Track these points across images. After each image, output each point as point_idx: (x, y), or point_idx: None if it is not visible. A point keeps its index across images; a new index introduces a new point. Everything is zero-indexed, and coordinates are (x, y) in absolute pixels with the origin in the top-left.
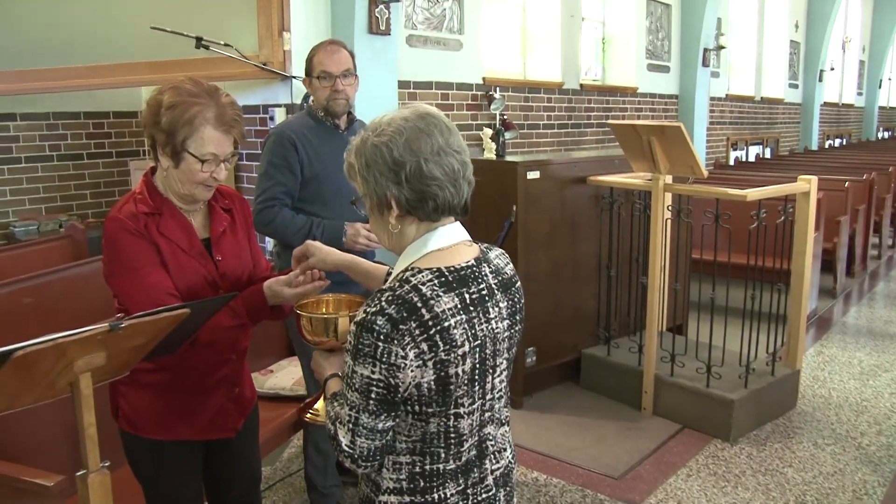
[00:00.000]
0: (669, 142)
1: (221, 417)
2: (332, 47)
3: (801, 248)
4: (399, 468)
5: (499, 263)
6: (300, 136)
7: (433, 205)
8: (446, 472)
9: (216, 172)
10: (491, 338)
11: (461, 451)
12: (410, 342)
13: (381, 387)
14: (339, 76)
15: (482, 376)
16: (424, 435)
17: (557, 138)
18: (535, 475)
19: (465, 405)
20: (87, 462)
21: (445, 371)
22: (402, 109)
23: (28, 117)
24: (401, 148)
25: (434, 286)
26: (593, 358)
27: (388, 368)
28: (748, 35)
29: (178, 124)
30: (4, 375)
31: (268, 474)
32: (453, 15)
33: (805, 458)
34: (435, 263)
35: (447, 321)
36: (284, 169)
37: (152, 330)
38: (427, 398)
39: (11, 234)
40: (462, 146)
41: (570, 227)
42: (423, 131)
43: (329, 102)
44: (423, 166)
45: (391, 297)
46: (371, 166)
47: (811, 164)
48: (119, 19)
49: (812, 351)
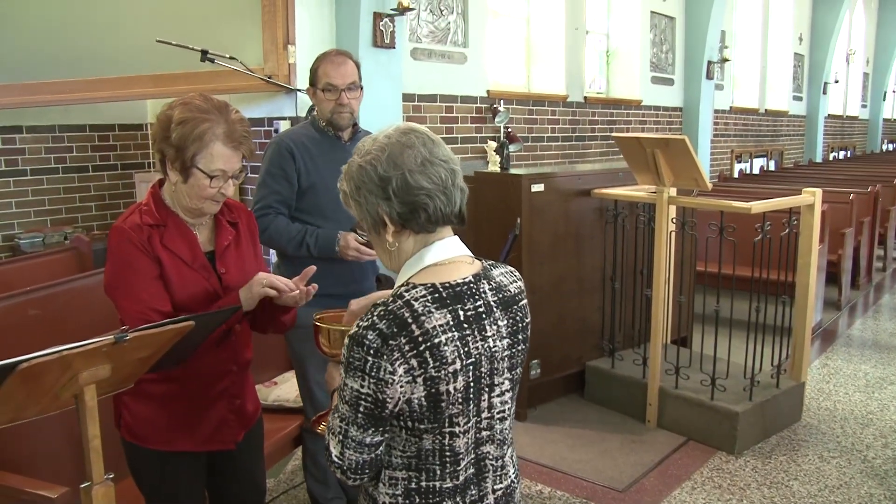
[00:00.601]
0: (674, 154)
1: (222, 429)
2: (338, 58)
3: (806, 261)
4: (395, 483)
5: (502, 281)
6: (299, 145)
7: (425, 216)
8: (443, 489)
9: (224, 188)
10: (487, 356)
11: (457, 469)
12: (400, 358)
13: (370, 401)
14: (344, 89)
15: (477, 395)
16: (419, 451)
17: (562, 151)
18: (539, 487)
19: (461, 424)
20: (91, 474)
21: (436, 388)
22: (386, 129)
23: (34, 130)
24: (384, 164)
25: (427, 302)
26: (598, 370)
27: (376, 383)
28: (752, 48)
29: (188, 140)
30: (10, 387)
31: (272, 486)
32: (458, 28)
33: (810, 470)
34: (430, 279)
35: (437, 338)
36: (280, 178)
37: (157, 342)
38: (419, 414)
39: (17, 246)
40: (448, 155)
41: (574, 239)
42: (405, 145)
43: (333, 115)
44: (409, 178)
45: (383, 311)
46: (360, 188)
47: (815, 176)
48: (125, 33)
49: (817, 363)
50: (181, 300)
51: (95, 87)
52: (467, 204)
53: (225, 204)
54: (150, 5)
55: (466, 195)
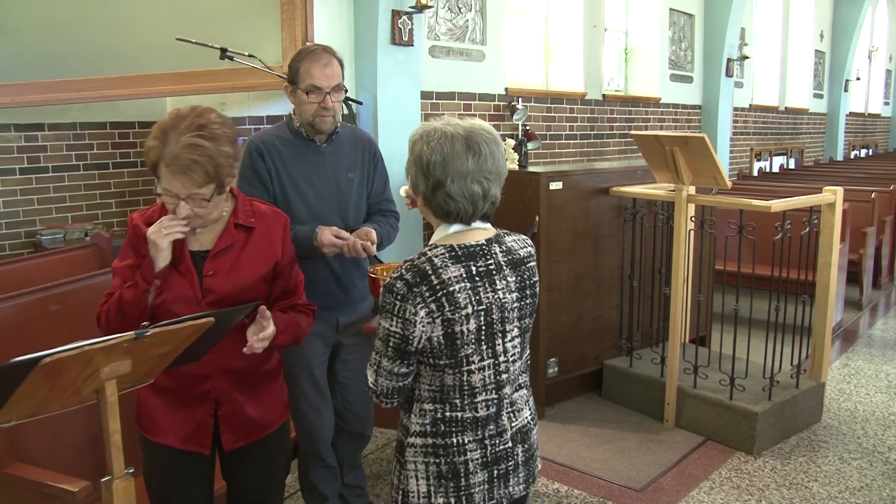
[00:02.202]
0: (693, 152)
1: (200, 432)
2: (324, 57)
3: (827, 260)
4: (424, 414)
5: (513, 245)
6: (269, 146)
7: (447, 214)
8: (464, 420)
9: (178, 209)
10: (498, 305)
11: (475, 402)
12: (421, 302)
13: (398, 337)
14: (329, 92)
15: (490, 338)
16: (443, 386)
17: (580, 149)
18: (556, 486)
19: (475, 362)
20: (111, 468)
21: (452, 328)
22: (457, 121)
23: (55, 127)
24: (437, 163)
25: (444, 258)
26: (615, 369)
27: (403, 323)
28: (772, 45)
29: (148, 160)
30: (32, 382)
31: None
32: (476, 26)
33: (831, 472)
34: (450, 241)
35: (452, 286)
36: (255, 181)
37: (177, 338)
38: (438, 351)
39: (38, 242)
40: (494, 169)
41: (592, 237)
42: (458, 156)
43: (315, 119)
44: (448, 186)
45: (409, 265)
46: (416, 163)
47: (837, 174)
48: (145, 31)
49: (837, 363)
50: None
51: (116, 84)
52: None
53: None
54: (171, 4)
55: (496, 205)
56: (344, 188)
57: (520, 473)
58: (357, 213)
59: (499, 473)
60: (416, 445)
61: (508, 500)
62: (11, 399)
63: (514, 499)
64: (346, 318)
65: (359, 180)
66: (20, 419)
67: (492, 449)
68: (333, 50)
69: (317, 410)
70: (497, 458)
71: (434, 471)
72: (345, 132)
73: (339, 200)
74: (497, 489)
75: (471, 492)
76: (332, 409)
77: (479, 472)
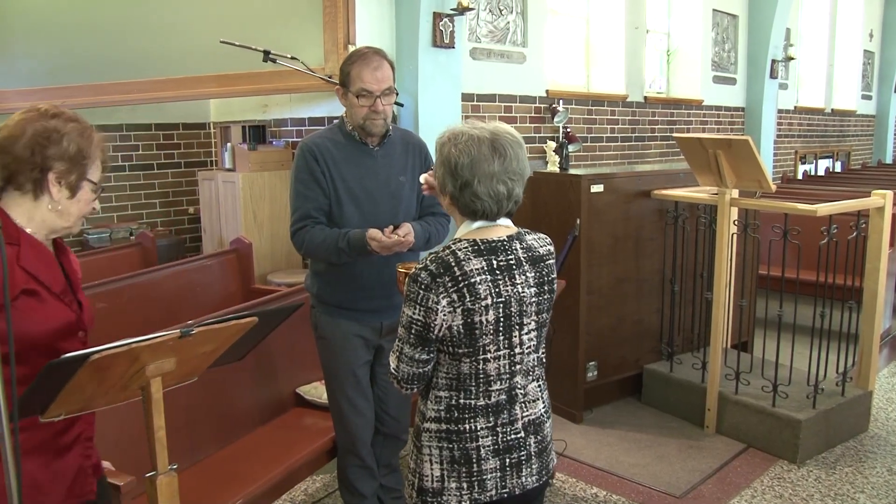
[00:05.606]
0: (736, 155)
1: (80, 481)
2: (374, 60)
3: (875, 265)
4: (439, 401)
5: (533, 244)
6: (323, 149)
7: (472, 212)
8: (477, 407)
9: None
10: (517, 299)
11: (490, 390)
12: (443, 292)
13: (420, 325)
14: (379, 95)
15: (507, 329)
16: (459, 374)
17: (621, 151)
18: (594, 491)
19: (492, 351)
20: (155, 464)
21: (471, 318)
22: (482, 124)
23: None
24: (465, 165)
25: (467, 252)
26: (655, 374)
27: (425, 311)
28: (819, 45)
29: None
30: (81, 378)
31: (315, 490)
32: (517, 28)
33: (879, 484)
34: (473, 236)
35: (473, 278)
36: (311, 183)
37: (221, 337)
38: (457, 339)
39: (85, 241)
40: (519, 169)
41: (633, 241)
42: (485, 158)
43: (366, 122)
44: (474, 186)
45: (434, 257)
46: (444, 164)
47: (885, 178)
48: (190, 34)
49: (885, 372)
50: (34, 331)
51: (161, 87)
52: (525, 205)
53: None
54: (215, 7)
55: (519, 204)
56: (395, 191)
57: (533, 465)
58: (408, 216)
59: (511, 462)
60: (430, 430)
61: (521, 490)
62: (61, 393)
63: (527, 490)
64: (390, 322)
65: (410, 183)
66: (69, 413)
67: (503, 437)
68: (384, 53)
69: (357, 410)
70: (509, 446)
71: (447, 455)
72: (396, 135)
73: (391, 203)
74: (510, 478)
75: (483, 478)
76: (373, 410)
77: (490, 458)
